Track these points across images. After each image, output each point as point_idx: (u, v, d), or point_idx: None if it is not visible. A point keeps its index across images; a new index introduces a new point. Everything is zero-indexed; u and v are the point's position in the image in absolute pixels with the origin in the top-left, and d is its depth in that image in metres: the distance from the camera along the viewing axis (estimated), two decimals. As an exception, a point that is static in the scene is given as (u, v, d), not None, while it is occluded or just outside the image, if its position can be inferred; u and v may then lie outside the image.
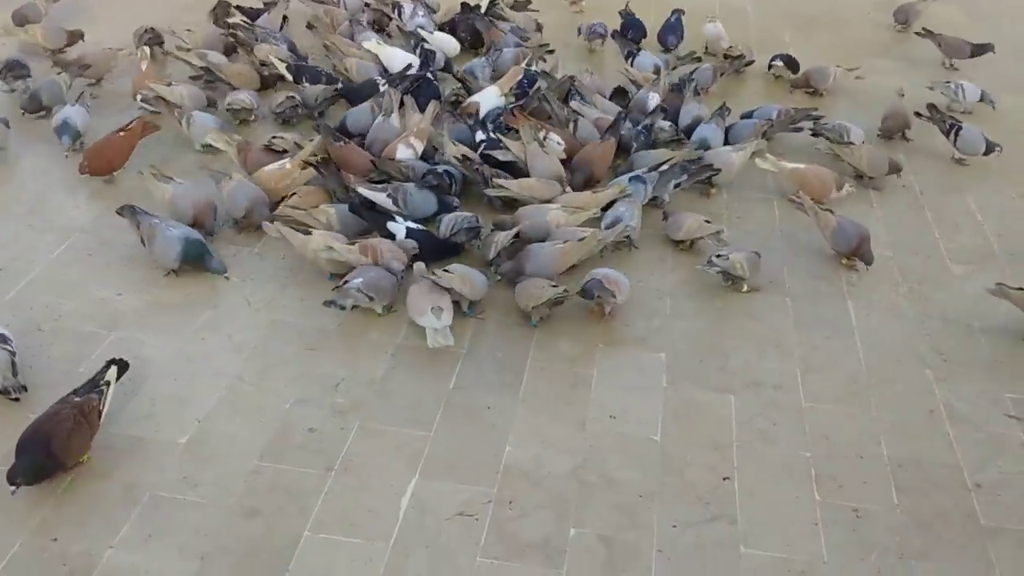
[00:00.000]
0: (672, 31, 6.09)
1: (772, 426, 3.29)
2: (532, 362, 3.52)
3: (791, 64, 5.94)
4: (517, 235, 3.96)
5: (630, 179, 4.34)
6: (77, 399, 2.98)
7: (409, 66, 5.25)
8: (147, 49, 5.20)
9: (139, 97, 4.98)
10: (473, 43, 6.01)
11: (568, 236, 3.94)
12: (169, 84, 5.01)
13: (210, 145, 4.50)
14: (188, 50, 5.36)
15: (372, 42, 5.49)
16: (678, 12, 6.17)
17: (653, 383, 3.46)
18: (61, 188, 4.37)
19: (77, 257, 3.91)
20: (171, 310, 3.67)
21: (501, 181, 4.27)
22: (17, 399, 3.15)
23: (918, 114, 5.25)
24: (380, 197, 4.11)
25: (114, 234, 3.99)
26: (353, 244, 3.76)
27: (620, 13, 6.24)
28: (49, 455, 2.82)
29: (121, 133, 4.39)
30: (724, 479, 3.05)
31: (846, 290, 4.05)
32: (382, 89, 4.90)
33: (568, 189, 4.38)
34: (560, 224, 4.05)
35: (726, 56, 6.01)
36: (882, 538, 2.87)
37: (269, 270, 3.90)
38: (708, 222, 4.19)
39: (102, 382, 3.05)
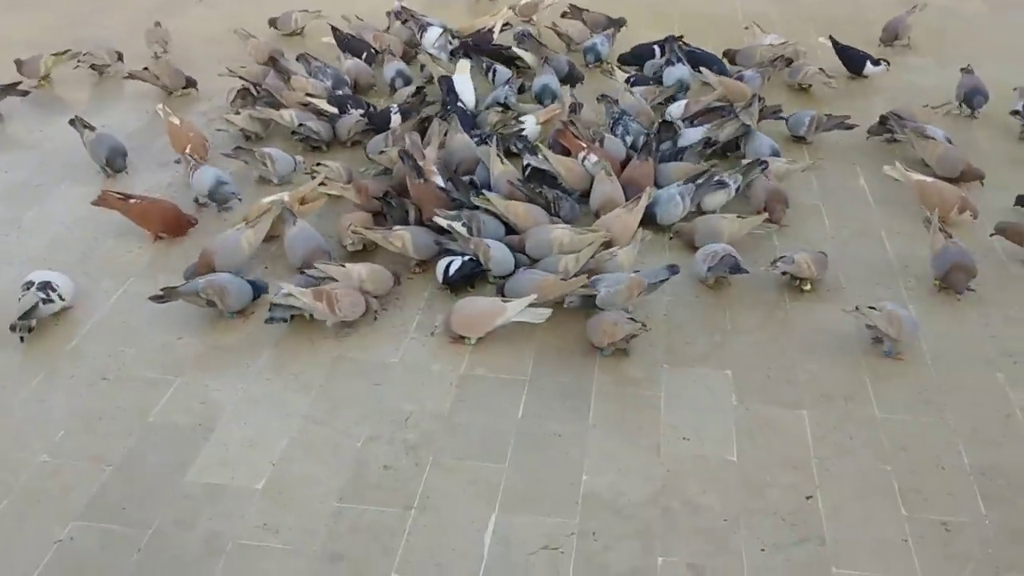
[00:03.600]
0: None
1: (849, 440, 3.25)
2: (597, 386, 3.50)
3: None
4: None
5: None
6: None
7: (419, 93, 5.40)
8: (164, 107, 5.08)
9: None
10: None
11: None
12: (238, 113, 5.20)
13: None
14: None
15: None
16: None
17: (723, 402, 3.43)
18: (111, 233, 4.37)
19: (134, 303, 3.91)
20: (233, 351, 3.66)
21: (488, 195, 4.21)
22: (22, 339, 3.64)
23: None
24: (456, 225, 4.09)
25: (169, 277, 3.99)
26: (308, 288, 3.70)
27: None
28: None
29: (133, 200, 4.32)
30: (807, 498, 3.01)
31: (905, 295, 4.01)
32: (394, 119, 5.04)
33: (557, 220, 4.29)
34: (564, 244, 4.00)
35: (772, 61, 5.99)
36: (975, 551, 2.83)
37: (326, 306, 3.89)
38: (632, 319, 3.63)
39: None
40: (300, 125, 5.06)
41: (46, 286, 3.74)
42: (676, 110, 5.21)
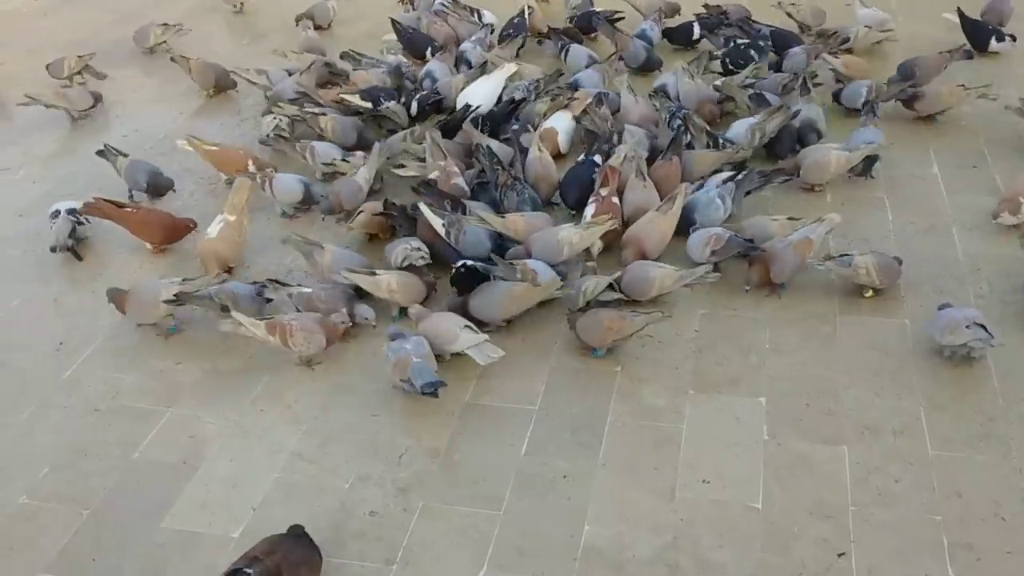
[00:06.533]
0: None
1: (894, 483, 2.85)
2: (612, 416, 3.18)
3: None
4: (612, 286, 3.58)
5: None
6: None
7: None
8: (189, 139, 4.65)
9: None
10: None
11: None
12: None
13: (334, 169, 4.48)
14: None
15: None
16: None
17: (752, 436, 3.06)
18: (123, 249, 4.24)
19: (136, 327, 3.75)
20: (231, 378, 3.47)
21: (483, 215, 3.86)
22: (80, 257, 4.10)
23: None
24: (438, 223, 3.84)
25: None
26: (262, 321, 3.42)
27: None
28: None
29: (129, 209, 4.19)
30: (839, 555, 2.64)
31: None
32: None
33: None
34: (574, 243, 3.72)
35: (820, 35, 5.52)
36: (1033, 627, 2.42)
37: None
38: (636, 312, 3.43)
39: None
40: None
41: (72, 211, 4.12)
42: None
